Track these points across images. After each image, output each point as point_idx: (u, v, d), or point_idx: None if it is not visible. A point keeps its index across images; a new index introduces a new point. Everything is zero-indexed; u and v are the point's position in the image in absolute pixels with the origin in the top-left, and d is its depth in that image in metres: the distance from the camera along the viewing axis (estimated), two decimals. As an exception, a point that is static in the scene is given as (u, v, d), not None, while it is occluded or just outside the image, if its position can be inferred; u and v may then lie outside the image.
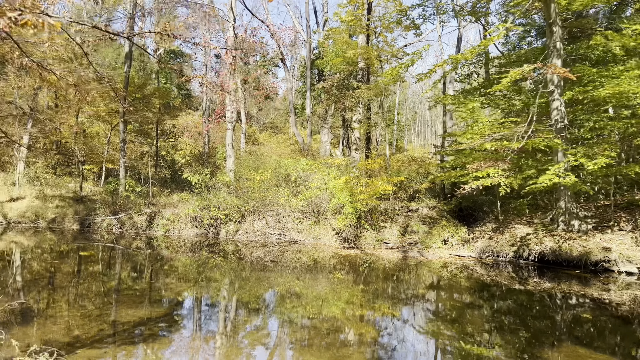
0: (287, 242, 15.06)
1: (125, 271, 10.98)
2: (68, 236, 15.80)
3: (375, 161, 14.41)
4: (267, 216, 15.48)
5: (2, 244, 14.25)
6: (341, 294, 9.13)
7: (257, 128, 50.13)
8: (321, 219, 15.04)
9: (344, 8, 21.33)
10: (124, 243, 15.03)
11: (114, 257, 12.70)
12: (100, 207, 17.51)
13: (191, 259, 12.76)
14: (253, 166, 17.61)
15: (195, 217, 15.93)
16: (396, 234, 14.43)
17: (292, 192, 15.87)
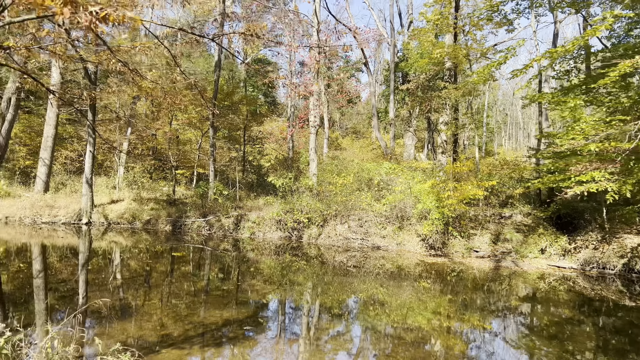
0: (370, 247, 14.93)
1: (214, 272, 11.48)
2: (161, 237, 16.84)
3: (464, 164, 13.85)
4: (349, 221, 15.46)
5: (103, 244, 15.52)
6: (427, 303, 8.85)
7: (339, 133, 50.54)
8: (405, 224, 14.73)
9: (429, 7, 20.85)
10: (212, 244, 15.73)
11: (203, 258, 13.34)
12: (191, 210, 18.50)
13: (275, 261, 13.05)
14: (335, 170, 17.71)
15: (279, 220, 16.30)
16: (487, 241, 13.75)
17: (375, 197, 15.72)
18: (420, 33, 21.03)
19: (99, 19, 3.26)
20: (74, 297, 8.50)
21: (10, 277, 10.25)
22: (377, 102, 46.30)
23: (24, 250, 13.81)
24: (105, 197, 20.53)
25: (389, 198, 14.58)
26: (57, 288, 9.23)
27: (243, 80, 35.36)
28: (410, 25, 32.35)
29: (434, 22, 20.03)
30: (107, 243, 15.52)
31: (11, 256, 12.77)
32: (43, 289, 9.09)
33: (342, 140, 46.61)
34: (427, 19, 20.48)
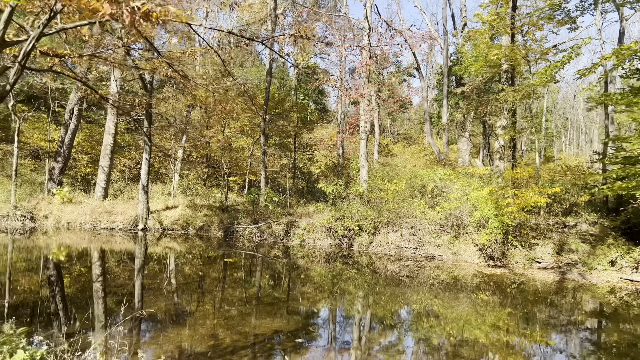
0: (424, 256, 14.54)
1: (265, 279, 11.56)
2: (214, 243, 17.16)
3: (524, 170, 13.24)
4: (401, 229, 15.15)
5: (158, 249, 16.01)
6: (486, 317, 8.46)
7: (390, 139, 50.07)
8: (462, 233, 14.25)
9: (485, 8, 20.28)
10: (263, 251, 15.87)
11: (254, 265, 13.49)
12: (242, 216, 18.77)
13: (325, 269, 12.97)
14: (386, 177, 17.44)
15: (330, 227, 16.22)
16: (550, 252, 13.06)
17: (429, 204, 15.33)
18: (476, 35, 20.46)
19: (142, 17, 3.27)
20: (129, 302, 8.76)
21: (70, 281, 10.73)
22: (430, 107, 45.51)
23: (84, 255, 14.45)
24: (160, 203, 21.21)
25: (444, 205, 14.17)
26: (113, 292, 9.57)
27: (294, 88, 35.70)
28: (464, 28, 31.61)
29: (490, 23, 19.45)
30: (161, 249, 15.99)
31: (72, 261, 13.40)
32: (101, 294, 9.46)
33: (393, 147, 46.20)
34: (483, 20, 19.92)
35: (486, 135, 23.82)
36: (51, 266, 12.44)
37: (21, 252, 14.29)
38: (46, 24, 4.30)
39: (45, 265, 12.50)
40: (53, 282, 10.56)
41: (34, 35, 4.34)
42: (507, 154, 17.51)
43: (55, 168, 23.00)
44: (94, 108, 30.54)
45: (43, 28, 4.31)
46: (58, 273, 11.71)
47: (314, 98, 49.65)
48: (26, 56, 4.42)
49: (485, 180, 15.10)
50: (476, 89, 18.13)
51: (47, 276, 11.25)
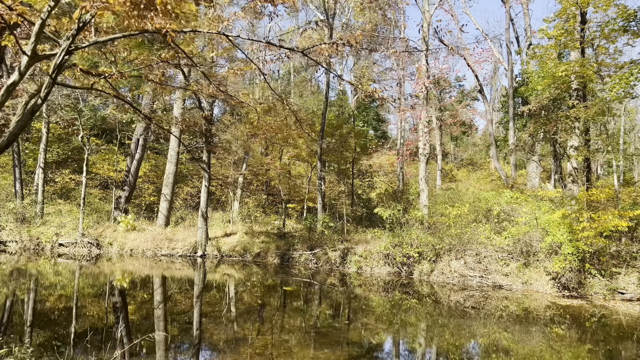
0: (490, 286, 13.59)
1: (322, 308, 11.32)
2: (270, 270, 17.06)
3: (601, 190, 12.14)
4: (465, 256, 14.29)
5: (216, 276, 16.11)
6: (562, 353, 7.62)
7: (454, 165, 48.72)
8: (532, 260, 13.22)
9: (550, 22, 19.38)
10: (319, 278, 15.54)
11: (311, 293, 13.28)
12: (298, 243, 18.58)
13: (384, 299, 12.45)
14: (448, 201, 16.67)
15: (388, 254, 15.63)
16: (635, 282, 11.79)
17: (495, 229, 14.40)
18: (542, 50, 19.51)
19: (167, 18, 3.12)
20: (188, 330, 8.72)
21: (132, 309, 10.89)
22: (495, 130, 43.97)
23: (145, 283, 14.84)
24: (219, 230, 21.47)
25: (511, 230, 13.23)
26: (174, 319, 9.59)
27: (351, 114, 35.69)
28: (529, 48, 30.46)
29: (557, 38, 18.52)
30: (219, 276, 16.12)
31: (133, 288, 13.74)
32: (162, 321, 9.50)
33: (457, 172, 44.87)
34: (549, 35, 19.03)
35: (557, 158, 22.40)
36: (115, 293, 12.79)
37: (87, 279, 14.84)
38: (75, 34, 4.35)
39: (109, 291, 12.87)
40: (116, 309, 10.82)
41: (64, 47, 4.39)
42: (580, 176, 16.28)
43: (122, 197, 23.99)
44: (161, 140, 31.84)
45: (73, 39, 4.35)
46: (121, 300, 12.02)
47: (373, 125, 49.54)
48: (57, 69, 4.47)
49: (556, 204, 14.01)
50: (543, 107, 17.12)
51: (110, 302, 11.54)
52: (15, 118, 4.52)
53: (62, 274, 15.59)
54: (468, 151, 55.04)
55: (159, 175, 29.06)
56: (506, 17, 33.25)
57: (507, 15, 33.33)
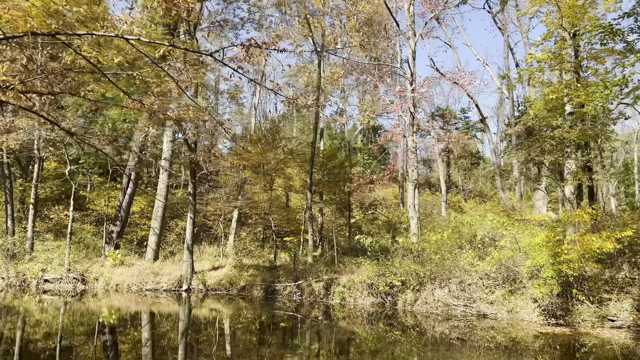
0: (475, 315, 12.84)
1: (304, 345, 10.84)
2: (255, 303, 16.51)
3: (585, 211, 11.49)
4: (449, 284, 13.59)
5: (199, 312, 15.62)
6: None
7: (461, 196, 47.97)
8: (518, 287, 12.48)
9: (537, 46, 19.16)
10: (303, 311, 14.95)
11: (293, 328, 12.76)
12: (284, 275, 17.99)
13: (368, 332, 11.88)
14: (437, 228, 16.06)
15: (371, 284, 14.99)
16: (628, 308, 10.99)
17: (479, 255, 13.71)
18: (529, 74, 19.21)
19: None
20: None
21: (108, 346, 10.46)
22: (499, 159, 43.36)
23: (124, 320, 14.42)
24: (207, 263, 21.02)
25: (494, 256, 12.56)
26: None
27: (348, 145, 35.48)
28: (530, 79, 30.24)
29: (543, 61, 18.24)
30: (201, 311, 15.69)
31: (111, 326, 13.36)
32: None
33: (465, 204, 44.05)
34: (537, 59, 18.76)
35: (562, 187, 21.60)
36: (94, 331, 12.42)
37: (68, 316, 14.50)
38: None
39: (88, 329, 12.51)
40: (95, 347, 10.43)
41: None
42: (572, 198, 15.62)
43: (114, 232, 23.78)
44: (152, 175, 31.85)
45: None
46: (99, 338, 11.64)
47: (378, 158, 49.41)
48: None
49: (543, 228, 13.33)
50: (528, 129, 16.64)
51: (90, 341, 11.13)
52: None
53: (46, 311, 15.31)
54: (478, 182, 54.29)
55: (151, 210, 28.87)
56: (504, 46, 33.28)
57: (505, 44, 33.34)
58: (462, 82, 20.83)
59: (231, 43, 16.28)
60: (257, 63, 5.34)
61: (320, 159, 24.41)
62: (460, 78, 23.13)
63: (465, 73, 24.28)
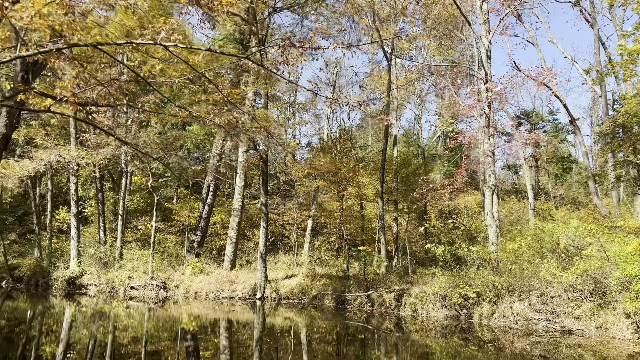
0: (559, 331, 11.77)
1: (381, 357, 10.54)
2: (327, 313, 16.43)
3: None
4: (530, 296, 12.57)
5: (273, 320, 15.82)
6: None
7: (551, 204, 44.98)
8: (608, 300, 11.26)
9: (629, 37, 17.55)
10: (374, 323, 14.63)
11: (366, 340, 12.56)
12: (354, 285, 17.72)
13: (442, 346, 11.39)
14: (516, 235, 15.01)
15: (444, 295, 14.28)
16: None
17: (564, 265, 12.56)
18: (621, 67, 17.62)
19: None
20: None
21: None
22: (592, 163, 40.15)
23: (204, 327, 15.03)
24: (281, 272, 21.26)
25: (579, 266, 11.44)
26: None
27: (423, 152, 34.52)
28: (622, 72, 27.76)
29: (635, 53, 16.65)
30: (276, 320, 15.92)
31: (192, 333, 13.92)
32: None
33: (555, 212, 41.16)
34: (628, 50, 17.18)
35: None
36: (176, 337, 13.03)
37: (153, 322, 15.34)
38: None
39: (170, 337, 13.13)
40: (179, 353, 11.06)
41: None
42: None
43: (195, 241, 24.83)
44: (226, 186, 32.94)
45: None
46: (184, 343, 12.30)
47: (457, 164, 47.66)
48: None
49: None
50: (618, 126, 15.12)
51: (172, 346, 11.70)
52: None
53: (132, 317, 16.32)
54: (571, 189, 50.64)
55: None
56: (594, 40, 30.76)
57: (595, 38, 30.83)
58: (541, 79, 19.44)
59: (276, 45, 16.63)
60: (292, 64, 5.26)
61: (393, 166, 23.93)
62: (540, 76, 21.64)
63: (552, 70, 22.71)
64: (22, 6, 4.26)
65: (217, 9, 4.91)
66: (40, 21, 4.21)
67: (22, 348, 11.18)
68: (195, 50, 5.78)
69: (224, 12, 5.30)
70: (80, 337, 12.65)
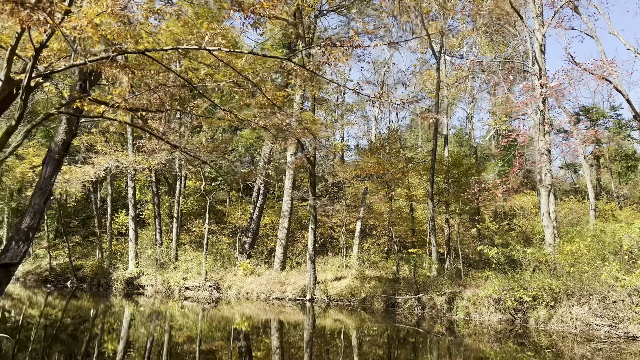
0: (622, 337, 11.11)
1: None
2: (377, 315, 16.32)
3: None
4: (590, 300, 11.94)
5: (325, 321, 15.88)
6: None
7: (615, 204, 42.70)
8: (679, 306, 10.53)
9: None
10: (425, 326, 14.40)
11: (418, 343, 12.44)
12: (404, 287, 17.48)
13: (497, 351, 11.06)
14: (575, 237, 14.32)
15: (498, 299, 13.81)
16: None
17: (628, 268, 11.85)
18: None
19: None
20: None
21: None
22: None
23: (255, 327, 15.49)
24: (330, 274, 21.30)
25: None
26: None
27: (476, 152, 33.64)
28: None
29: None
30: (326, 321, 15.94)
31: (245, 332, 14.32)
32: None
33: (619, 212, 39.03)
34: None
35: None
36: (230, 336, 13.38)
37: (207, 322, 15.81)
38: (36, 56, 4.65)
39: (223, 336, 13.45)
40: (232, 352, 11.40)
41: (28, 69, 4.74)
42: None
43: (246, 243, 25.30)
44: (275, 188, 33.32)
45: (34, 61, 4.67)
46: (237, 343, 12.57)
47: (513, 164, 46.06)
48: (25, 91, 4.82)
49: None
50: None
51: (228, 345, 12.20)
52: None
53: (187, 316, 16.86)
54: (637, 187, 47.87)
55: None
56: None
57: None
58: (600, 73, 18.44)
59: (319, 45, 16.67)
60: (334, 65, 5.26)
61: (444, 166, 23.44)
62: (599, 69, 20.52)
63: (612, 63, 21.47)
64: (75, 17, 4.51)
65: (260, 12, 5.01)
66: (92, 30, 4.45)
67: (86, 345, 11.79)
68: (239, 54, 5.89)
69: (267, 16, 5.37)
70: (139, 336, 13.19)
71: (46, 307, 19.14)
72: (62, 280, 26.07)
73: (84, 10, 4.46)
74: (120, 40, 5.03)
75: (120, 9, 4.70)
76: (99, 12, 4.58)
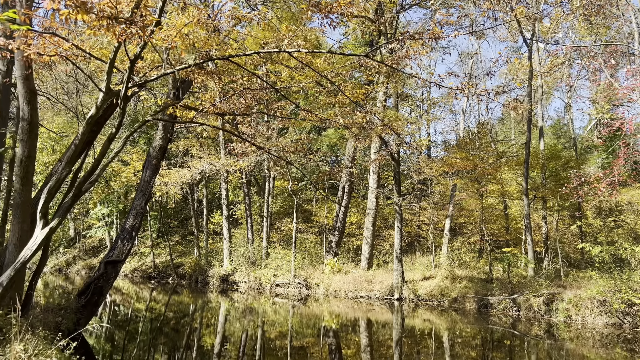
0: None
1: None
2: (469, 317, 15.82)
3: None
4: None
5: (414, 322, 15.72)
6: None
7: None
8: None
9: None
10: (522, 329, 13.75)
11: (516, 346, 11.98)
12: (497, 288, 16.70)
13: (603, 357, 10.36)
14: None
15: (603, 301, 12.74)
16: None
17: None
18: None
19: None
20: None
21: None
22: None
23: (347, 325, 15.78)
24: (418, 273, 20.92)
25: None
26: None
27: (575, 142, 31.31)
28: None
29: None
30: (417, 322, 15.75)
31: (336, 330, 14.66)
32: None
33: None
34: None
35: None
36: (321, 334, 13.78)
37: (297, 318, 16.30)
38: (131, 67, 4.97)
39: (314, 333, 13.89)
40: (326, 350, 11.66)
41: (125, 80, 5.08)
42: None
43: (332, 241, 25.55)
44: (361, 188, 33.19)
45: (129, 72, 4.99)
46: (328, 341, 12.85)
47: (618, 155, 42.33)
48: (123, 100, 5.17)
49: None
50: None
51: (320, 343, 12.67)
52: (101, 149, 5.45)
53: (279, 313, 17.47)
54: None
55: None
56: None
57: None
58: None
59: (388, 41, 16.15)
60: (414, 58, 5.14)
61: (539, 160, 22.05)
62: None
63: None
64: (165, 28, 4.83)
65: (336, 10, 5.02)
66: (179, 40, 4.74)
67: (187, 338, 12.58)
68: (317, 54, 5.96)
69: (345, 14, 5.37)
70: (234, 331, 13.85)
71: (151, 301, 20.64)
72: (164, 277, 27.89)
73: (172, 21, 4.75)
74: (206, 48, 5.31)
75: (205, 17, 4.95)
76: (186, 22, 4.86)
